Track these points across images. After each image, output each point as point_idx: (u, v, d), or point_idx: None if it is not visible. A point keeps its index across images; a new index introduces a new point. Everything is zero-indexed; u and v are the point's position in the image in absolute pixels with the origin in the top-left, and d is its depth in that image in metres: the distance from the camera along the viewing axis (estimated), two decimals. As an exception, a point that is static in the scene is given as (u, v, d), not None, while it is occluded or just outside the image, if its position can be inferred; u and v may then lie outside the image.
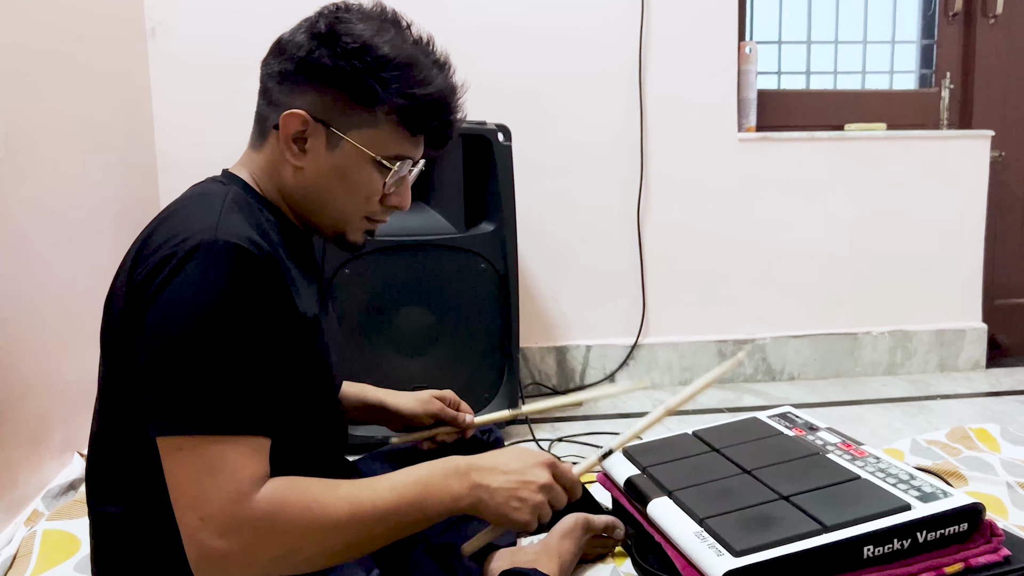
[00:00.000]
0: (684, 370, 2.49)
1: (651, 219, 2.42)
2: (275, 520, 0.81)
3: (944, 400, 2.32)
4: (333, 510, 0.83)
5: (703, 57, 2.39)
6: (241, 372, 0.82)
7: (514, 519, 0.92)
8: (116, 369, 0.90)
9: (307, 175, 0.97)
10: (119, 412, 0.91)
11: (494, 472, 0.92)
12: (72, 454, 1.61)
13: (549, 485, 0.94)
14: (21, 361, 1.43)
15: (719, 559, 1.05)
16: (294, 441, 0.95)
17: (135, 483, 0.89)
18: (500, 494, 0.91)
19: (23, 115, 1.49)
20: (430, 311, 1.97)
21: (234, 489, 0.79)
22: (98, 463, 0.95)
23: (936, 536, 1.10)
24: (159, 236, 0.87)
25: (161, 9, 2.18)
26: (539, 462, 0.95)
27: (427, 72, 0.96)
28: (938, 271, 2.56)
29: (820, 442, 1.36)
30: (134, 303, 0.86)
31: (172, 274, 0.82)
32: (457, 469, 0.92)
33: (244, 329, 0.83)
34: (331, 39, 0.94)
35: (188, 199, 0.95)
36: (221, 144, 1.59)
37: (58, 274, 1.59)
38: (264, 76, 0.99)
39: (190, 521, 0.79)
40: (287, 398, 0.91)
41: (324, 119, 0.95)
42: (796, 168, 2.46)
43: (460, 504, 0.90)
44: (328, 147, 0.96)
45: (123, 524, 0.92)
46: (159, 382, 0.81)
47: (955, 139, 2.53)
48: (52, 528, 1.34)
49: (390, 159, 0.98)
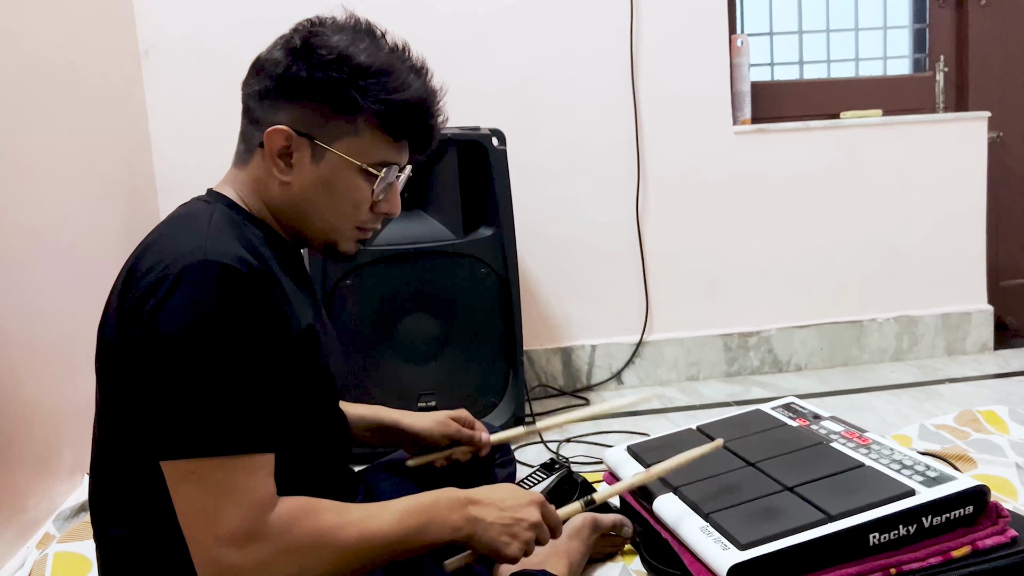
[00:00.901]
0: (691, 365, 2.49)
1: (650, 216, 2.43)
2: (289, 538, 0.82)
3: (953, 384, 2.31)
4: (344, 534, 0.86)
5: (695, 52, 2.39)
6: (240, 391, 0.83)
7: (503, 553, 0.97)
8: (112, 394, 0.91)
9: (295, 189, 0.98)
10: (117, 436, 0.91)
11: (490, 507, 0.97)
12: (82, 476, 1.62)
13: (538, 523, 1.00)
14: (26, 385, 1.44)
15: (725, 553, 1.06)
16: (298, 453, 0.96)
17: (138, 505, 0.90)
18: (494, 528, 0.96)
19: (21, 140, 1.50)
20: (434, 318, 1.98)
21: (250, 507, 0.81)
22: (100, 487, 0.96)
23: (942, 520, 1.09)
24: (147, 260, 0.87)
25: (153, 31, 2.20)
26: (531, 501, 1.00)
27: (404, 78, 0.96)
28: (942, 255, 2.56)
29: (824, 431, 1.36)
30: (126, 329, 0.86)
31: (164, 299, 0.83)
32: (457, 501, 0.96)
33: (239, 348, 0.83)
34: (307, 52, 0.95)
35: (174, 221, 0.95)
36: (219, 161, 1.59)
37: (60, 296, 1.60)
38: (245, 96, 1.00)
39: (204, 540, 0.80)
40: (288, 411, 0.91)
41: (307, 132, 0.96)
42: (793, 159, 2.46)
43: (457, 535, 0.94)
44: (313, 160, 0.96)
45: (128, 546, 0.93)
46: (160, 408, 0.82)
47: (952, 122, 2.53)
48: (63, 550, 1.35)
49: (376, 166, 0.98)
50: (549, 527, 1.01)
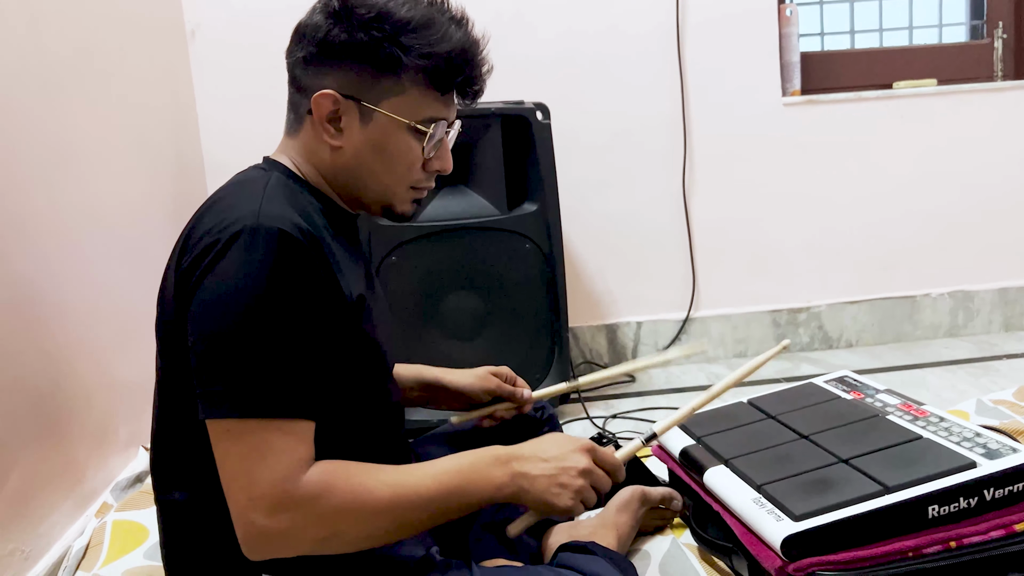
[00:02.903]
0: (738, 342, 2.46)
1: (697, 190, 2.39)
2: (320, 502, 0.82)
3: (1010, 360, 2.25)
4: (377, 495, 0.85)
5: (742, 22, 2.34)
6: (286, 356, 0.83)
7: (556, 505, 0.93)
8: (172, 359, 0.92)
9: (346, 153, 0.98)
10: (177, 401, 0.93)
11: (534, 460, 0.93)
12: (137, 448, 1.65)
13: (589, 469, 0.95)
14: (83, 362, 1.48)
15: (779, 524, 1.04)
16: (350, 423, 0.96)
17: (197, 469, 0.91)
18: (541, 481, 0.92)
19: (73, 124, 1.53)
20: (478, 295, 1.97)
21: (282, 471, 0.81)
22: (161, 452, 0.97)
23: (1004, 493, 1.06)
24: (203, 225, 0.89)
25: (199, 11, 2.22)
26: (578, 447, 0.96)
27: (445, 29, 0.95)
28: (998, 227, 2.48)
29: (879, 404, 1.33)
30: (182, 291, 0.87)
31: (216, 260, 0.84)
32: (498, 458, 0.93)
33: (288, 313, 0.84)
34: (345, 14, 0.94)
35: (230, 187, 0.96)
36: (266, 140, 1.60)
37: (113, 276, 1.63)
38: (290, 65, 1.00)
39: (239, 501, 0.81)
40: (336, 380, 0.92)
41: (354, 95, 0.95)
42: (844, 130, 2.40)
43: (502, 493, 0.91)
44: (362, 122, 0.97)
45: (188, 510, 0.95)
46: (206, 367, 0.83)
47: (1010, 90, 2.44)
48: (121, 519, 1.38)
49: (424, 122, 0.98)
50: (606, 471, 0.97)
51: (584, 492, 0.94)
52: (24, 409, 1.27)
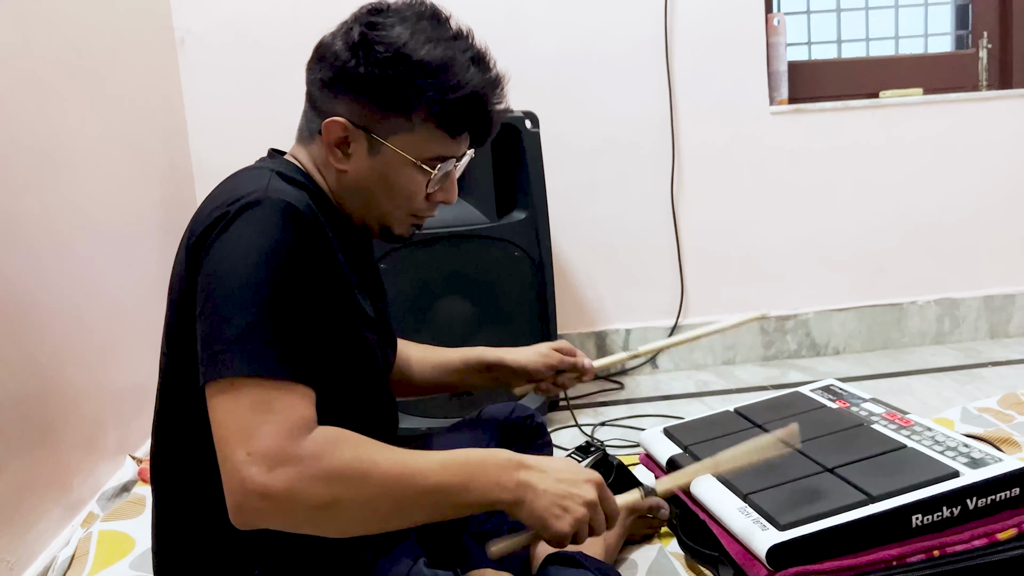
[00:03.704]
0: (727, 349, 2.47)
1: (685, 198, 2.40)
2: (323, 464, 0.78)
3: (996, 367, 2.27)
4: (383, 467, 0.82)
5: (730, 31, 2.35)
6: (292, 320, 0.83)
7: (552, 526, 0.89)
8: (178, 345, 0.91)
9: (351, 177, 1.00)
10: (180, 394, 0.92)
11: (544, 475, 0.90)
12: (125, 457, 1.65)
13: (594, 504, 0.91)
14: (71, 367, 1.47)
15: (764, 533, 1.05)
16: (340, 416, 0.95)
17: (196, 467, 0.90)
18: (546, 497, 0.89)
19: (63, 129, 1.53)
20: (468, 301, 1.98)
21: (287, 426, 0.78)
22: (161, 450, 0.97)
23: (987, 502, 1.07)
24: (212, 203, 0.90)
25: (189, 19, 2.21)
26: (590, 479, 0.93)
27: (462, 73, 0.95)
28: (984, 236, 2.50)
29: (865, 413, 1.34)
30: (191, 263, 0.88)
31: (224, 228, 0.85)
32: (509, 461, 0.90)
33: (293, 278, 0.84)
34: (364, 49, 0.95)
35: (238, 173, 0.98)
36: (255, 145, 1.61)
37: (103, 281, 1.63)
38: (308, 81, 1.02)
39: (236, 456, 0.77)
40: (332, 363, 0.91)
41: (364, 126, 0.97)
42: (832, 139, 2.42)
43: (503, 497, 0.88)
44: (370, 152, 0.98)
45: (185, 509, 0.94)
46: (212, 329, 0.82)
47: (996, 100, 2.46)
48: (107, 529, 1.37)
49: (430, 161, 0.99)
50: (605, 513, 0.93)
51: (582, 523, 0.90)
52: (12, 415, 1.26)
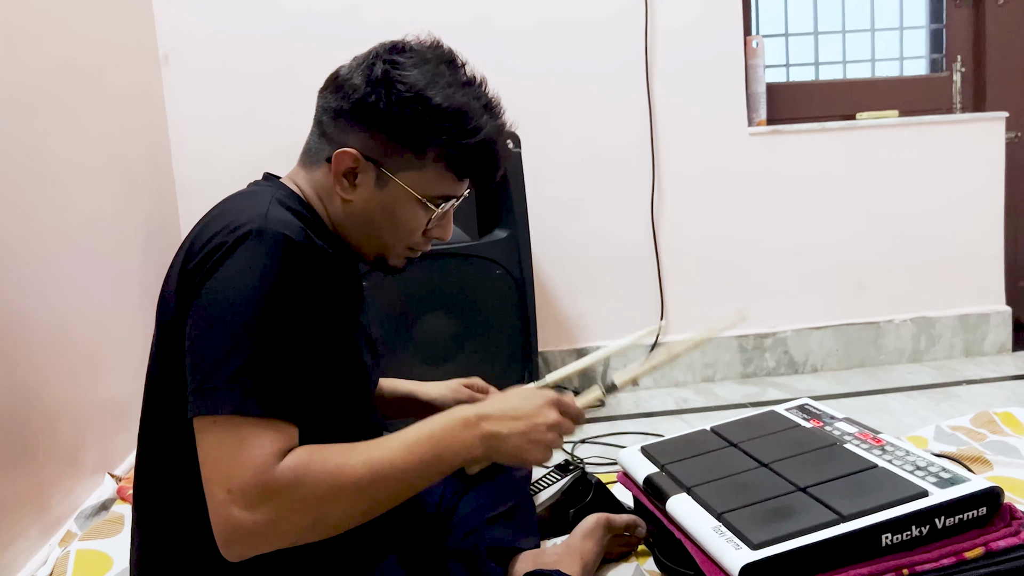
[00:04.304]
0: (706, 366, 2.49)
1: (665, 217, 2.43)
2: (299, 489, 0.81)
3: (970, 385, 2.30)
4: (353, 473, 0.85)
5: (710, 53, 2.39)
6: (281, 358, 0.84)
7: (528, 459, 0.97)
8: (166, 365, 0.92)
9: (355, 207, 1.01)
10: (165, 413, 0.93)
11: (503, 419, 0.96)
12: (103, 475, 1.64)
13: (557, 423, 0.99)
14: (52, 385, 1.47)
15: (737, 553, 1.06)
16: (328, 435, 0.97)
17: (180, 482, 0.91)
18: (512, 440, 0.95)
19: (47, 145, 1.53)
20: (450, 319, 1.99)
21: (260, 461, 0.80)
22: (145, 466, 0.98)
23: (955, 521, 1.09)
24: (211, 228, 0.90)
25: (173, 36, 2.23)
26: (545, 402, 1.00)
27: (477, 120, 0.98)
28: (959, 256, 2.54)
29: (838, 432, 1.36)
30: (185, 291, 0.88)
31: (221, 260, 0.86)
32: (467, 420, 0.94)
33: (288, 316, 0.85)
34: (386, 85, 0.97)
35: (236, 197, 0.99)
36: (237, 164, 1.63)
37: (85, 297, 1.63)
38: (320, 108, 1.03)
39: (218, 495, 0.80)
40: (323, 392, 0.92)
41: (375, 159, 0.98)
42: (809, 160, 2.46)
43: (474, 453, 0.93)
44: (377, 184, 1.00)
45: (168, 525, 0.95)
46: (200, 363, 0.83)
47: (969, 123, 2.51)
48: (85, 548, 1.37)
49: (435, 200, 1.01)
50: (571, 418, 1.02)
51: (554, 443, 0.99)
52: (-10, 436, 1.26)
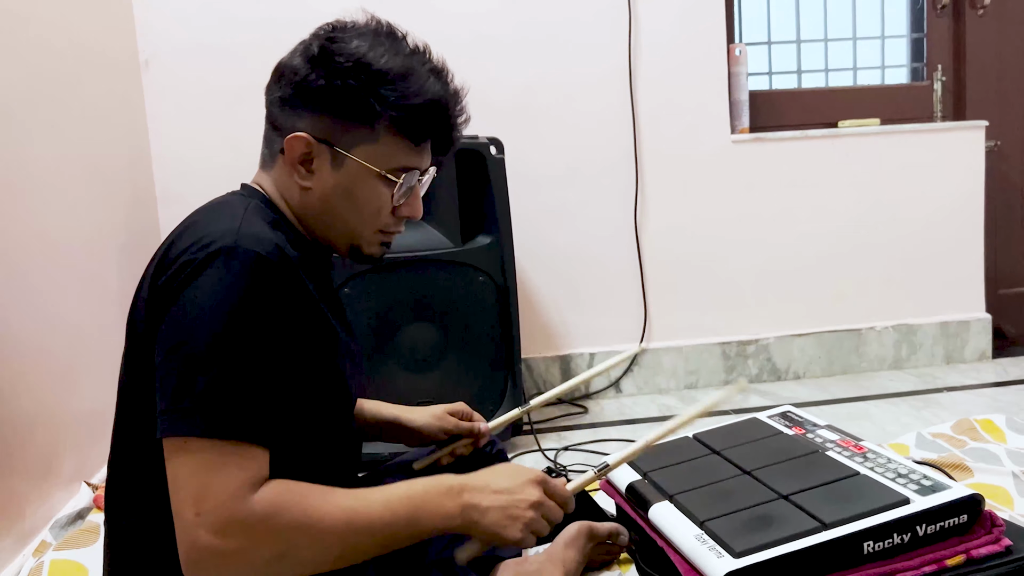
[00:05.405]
0: (689, 374, 2.49)
1: (649, 224, 2.43)
2: (271, 522, 0.81)
3: (951, 392, 2.31)
4: (328, 518, 0.84)
5: (693, 61, 2.40)
6: (251, 379, 0.83)
7: (506, 537, 0.93)
8: (136, 378, 0.91)
9: (315, 195, 0.99)
10: (136, 424, 0.91)
11: (485, 492, 0.94)
12: (80, 484, 1.62)
13: (540, 502, 0.95)
14: (28, 393, 1.45)
15: (719, 561, 1.06)
16: (306, 453, 0.96)
17: (151, 494, 0.90)
18: (492, 513, 0.92)
19: (26, 149, 1.52)
20: (433, 327, 1.98)
21: (233, 488, 0.80)
22: (116, 477, 0.96)
23: (936, 529, 1.10)
24: (182, 243, 0.89)
25: (153, 42, 2.21)
26: (530, 479, 0.97)
27: (423, 82, 0.97)
28: (940, 264, 2.56)
29: (820, 440, 1.36)
30: (155, 308, 0.87)
31: (191, 278, 0.84)
32: (450, 489, 0.93)
33: (258, 337, 0.84)
34: (325, 60, 0.96)
35: (210, 208, 0.97)
36: (219, 171, 1.62)
37: (63, 304, 1.61)
38: (267, 102, 1.02)
39: (187, 516, 0.80)
40: (299, 407, 0.91)
41: (327, 139, 0.97)
42: (792, 167, 2.47)
43: (451, 523, 0.91)
44: (333, 166, 0.98)
45: (139, 537, 0.94)
46: (170, 384, 0.82)
47: (950, 131, 2.53)
48: (60, 558, 1.35)
49: (395, 172, 0.99)
50: (557, 503, 0.98)
51: (534, 524, 0.95)
52: (-38, 445, 1.24)
